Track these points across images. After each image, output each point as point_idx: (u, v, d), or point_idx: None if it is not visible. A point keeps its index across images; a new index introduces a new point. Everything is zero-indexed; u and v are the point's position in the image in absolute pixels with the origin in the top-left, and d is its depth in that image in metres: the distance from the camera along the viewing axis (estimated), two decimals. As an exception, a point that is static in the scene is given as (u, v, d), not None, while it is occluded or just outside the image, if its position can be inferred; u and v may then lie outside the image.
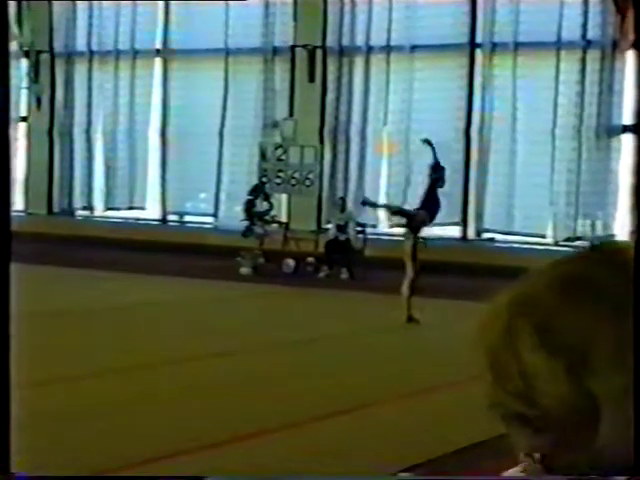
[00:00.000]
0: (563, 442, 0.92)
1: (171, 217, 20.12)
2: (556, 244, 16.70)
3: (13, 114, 21.23)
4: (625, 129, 16.36)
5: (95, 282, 14.13)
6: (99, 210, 20.50)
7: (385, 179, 18.00)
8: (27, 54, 20.65)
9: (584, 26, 16.55)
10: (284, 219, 18.09)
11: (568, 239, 16.64)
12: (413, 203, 17.81)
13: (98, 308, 11.81)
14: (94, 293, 13.10)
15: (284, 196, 18.43)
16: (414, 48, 17.72)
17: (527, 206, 17.13)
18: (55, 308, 11.48)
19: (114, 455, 5.92)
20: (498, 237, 17.52)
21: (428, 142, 12.29)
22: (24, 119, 21.24)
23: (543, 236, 16.97)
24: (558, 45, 16.74)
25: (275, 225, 17.19)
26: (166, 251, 17.93)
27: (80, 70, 20.61)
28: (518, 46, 17.03)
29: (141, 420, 6.92)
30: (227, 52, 19.10)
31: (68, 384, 7.87)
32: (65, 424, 6.65)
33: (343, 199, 17.28)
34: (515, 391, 0.92)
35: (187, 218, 20.15)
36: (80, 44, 20.62)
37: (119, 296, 12.96)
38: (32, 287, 13.19)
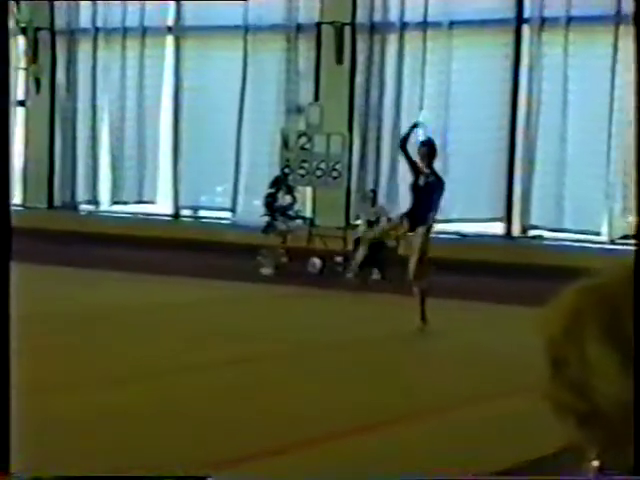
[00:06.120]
0: (610, 440, 0.97)
1: (184, 212, 20.14)
2: (612, 242, 16.59)
3: (10, 98, 21.35)
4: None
5: (101, 283, 14.20)
6: (105, 204, 20.53)
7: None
8: (24, 31, 20.75)
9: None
10: (309, 214, 18.09)
11: (625, 237, 16.51)
12: (450, 198, 17.82)
13: (105, 311, 11.86)
14: (100, 295, 13.16)
15: (309, 189, 18.39)
16: (453, 24, 17.68)
17: (579, 200, 17.03)
18: (57, 311, 11.54)
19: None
20: (547, 234, 17.48)
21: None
22: (22, 103, 21.35)
23: (598, 233, 16.85)
24: (616, 20, 16.61)
25: (299, 221, 17.17)
26: (179, 249, 17.92)
27: (84, 49, 20.62)
28: (571, 21, 16.95)
29: (159, 428, 7.09)
30: (246, 29, 19.13)
31: (81, 391, 8.03)
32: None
33: (374, 192, 17.26)
34: (570, 383, 0.98)
35: (202, 213, 20.12)
36: (84, 20, 20.73)
37: (128, 298, 13.04)
38: (31, 288, 13.28)
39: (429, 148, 11.98)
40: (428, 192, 11.85)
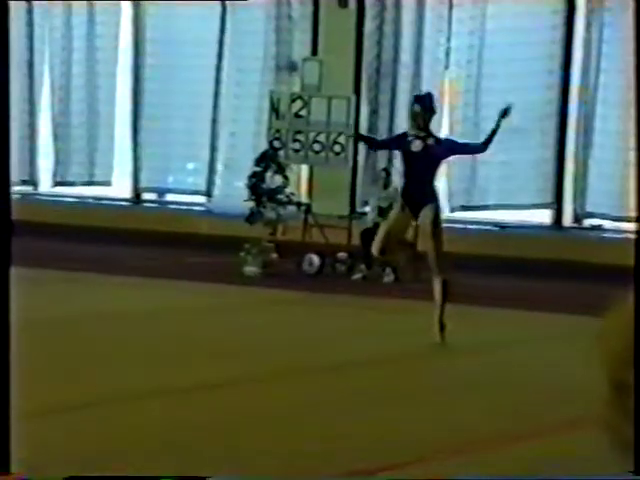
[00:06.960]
0: None
1: (147, 196, 20.14)
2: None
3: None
4: None
5: (40, 285, 14.09)
6: (45, 185, 20.50)
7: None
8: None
9: None
10: (304, 199, 18.06)
11: None
12: (485, 180, 17.79)
13: (45, 321, 11.77)
14: (38, 300, 13.03)
15: (304, 167, 18.39)
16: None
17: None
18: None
19: None
20: (607, 224, 17.47)
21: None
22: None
23: (670, 223, 16.85)
24: None
25: (292, 207, 17.19)
26: (140, 243, 17.93)
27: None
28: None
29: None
30: (224, -35, 19.03)
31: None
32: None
33: (387, 171, 17.20)
34: (632, 412, 0.97)
35: (169, 197, 20.16)
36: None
37: (75, 304, 12.90)
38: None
39: (427, 103, 11.48)
40: (429, 159, 11.36)
